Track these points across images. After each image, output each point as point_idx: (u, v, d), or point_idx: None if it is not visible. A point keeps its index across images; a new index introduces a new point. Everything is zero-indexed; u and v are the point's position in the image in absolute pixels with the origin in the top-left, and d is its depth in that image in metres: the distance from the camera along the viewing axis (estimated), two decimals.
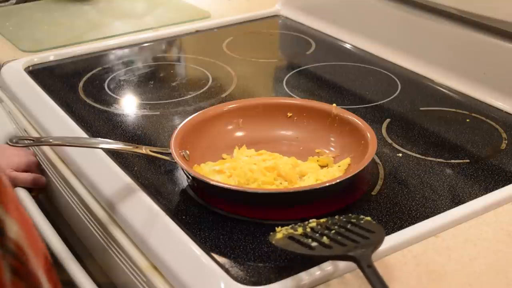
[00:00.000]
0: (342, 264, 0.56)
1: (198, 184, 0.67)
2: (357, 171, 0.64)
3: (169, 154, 0.68)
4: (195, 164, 0.70)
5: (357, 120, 0.74)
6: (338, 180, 0.63)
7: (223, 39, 1.19)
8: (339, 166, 0.70)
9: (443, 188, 0.69)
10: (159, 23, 1.26)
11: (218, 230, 0.62)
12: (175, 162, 0.67)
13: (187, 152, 0.71)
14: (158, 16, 1.32)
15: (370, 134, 0.71)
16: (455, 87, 0.95)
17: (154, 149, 0.70)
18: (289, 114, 0.79)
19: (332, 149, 0.75)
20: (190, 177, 0.68)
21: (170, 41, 1.20)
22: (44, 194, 0.89)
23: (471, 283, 0.55)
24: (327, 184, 0.63)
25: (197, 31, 1.23)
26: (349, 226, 0.55)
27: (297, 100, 0.87)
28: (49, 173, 0.84)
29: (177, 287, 0.56)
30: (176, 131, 0.72)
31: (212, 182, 0.64)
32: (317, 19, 1.23)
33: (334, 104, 0.78)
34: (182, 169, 0.68)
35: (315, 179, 0.68)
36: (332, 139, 0.75)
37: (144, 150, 0.69)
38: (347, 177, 0.64)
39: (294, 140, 0.77)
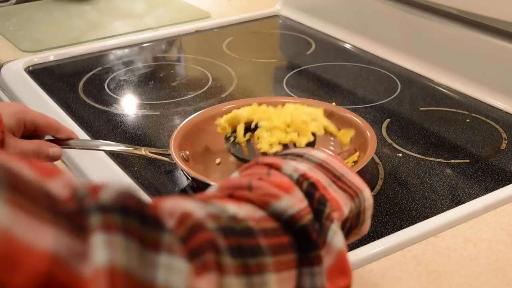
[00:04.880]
0: None
1: (198, 185, 0.67)
2: (356, 170, 0.64)
3: (169, 155, 0.68)
4: (193, 164, 0.70)
5: (356, 119, 0.74)
6: None
7: (223, 39, 1.19)
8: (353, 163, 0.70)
9: (443, 188, 0.69)
10: (159, 23, 1.26)
11: None
12: (175, 162, 0.67)
13: (187, 152, 0.71)
14: (158, 16, 1.32)
15: (369, 133, 0.71)
16: (455, 87, 0.95)
17: (154, 150, 0.70)
18: None
19: (332, 148, 0.75)
20: (189, 178, 0.68)
21: (170, 41, 1.20)
22: None
23: (471, 283, 0.55)
24: None
25: (197, 31, 1.23)
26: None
27: (296, 100, 0.87)
28: None
29: None
30: (175, 132, 0.71)
31: (211, 183, 0.64)
32: (317, 19, 1.23)
33: (334, 103, 0.78)
34: (182, 170, 0.68)
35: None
36: (331, 138, 0.75)
37: (143, 151, 0.69)
38: None
39: None
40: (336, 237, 0.37)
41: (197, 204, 0.32)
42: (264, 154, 0.65)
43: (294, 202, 0.36)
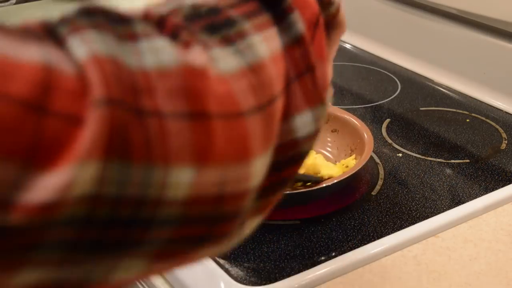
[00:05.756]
0: (342, 264, 0.56)
1: None
2: (354, 171, 0.64)
3: None
4: None
5: (353, 120, 0.74)
6: (335, 181, 0.63)
7: None
8: (346, 167, 0.70)
9: (443, 188, 0.69)
10: None
11: None
12: None
13: None
14: None
15: (366, 133, 0.70)
16: (455, 87, 0.95)
17: None
18: None
19: (329, 149, 0.75)
20: None
21: None
22: None
23: (471, 283, 0.55)
24: (324, 185, 0.62)
25: None
26: None
27: None
28: None
29: (177, 287, 0.56)
30: None
31: None
32: None
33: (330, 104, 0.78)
34: None
35: (328, 175, 0.67)
36: (328, 139, 0.75)
37: None
38: (344, 177, 0.64)
39: None
40: None
41: (152, 5, 0.30)
42: None
43: None
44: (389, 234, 0.61)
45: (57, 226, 0.22)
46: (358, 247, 0.59)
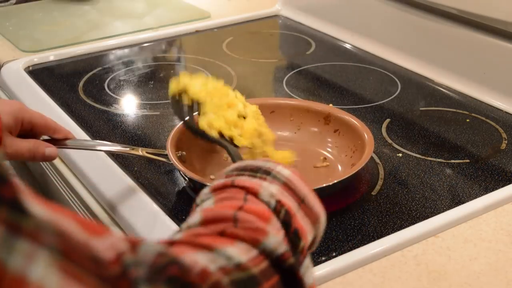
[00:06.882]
0: (342, 264, 0.56)
1: (195, 185, 0.67)
2: (354, 172, 0.64)
3: (166, 156, 0.68)
4: (191, 164, 0.70)
5: (353, 121, 0.74)
6: (335, 181, 0.63)
7: (223, 39, 1.19)
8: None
9: (443, 188, 0.69)
10: (159, 23, 1.26)
11: None
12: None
13: (184, 153, 0.70)
14: (158, 16, 1.31)
15: (367, 134, 0.70)
16: (455, 87, 0.95)
17: (151, 150, 0.70)
18: (291, 118, 0.78)
19: (329, 149, 0.75)
20: (186, 179, 0.68)
21: (170, 41, 1.20)
22: (45, 194, 0.89)
23: (471, 283, 0.55)
24: (324, 185, 0.62)
25: (197, 31, 1.23)
26: None
27: (292, 101, 0.86)
28: (49, 173, 0.84)
29: None
30: (172, 133, 0.71)
31: (208, 184, 0.63)
32: (317, 19, 1.23)
33: (331, 105, 0.78)
34: (179, 171, 0.68)
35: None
36: (329, 139, 0.75)
37: (140, 152, 0.69)
38: (345, 178, 0.64)
39: (291, 141, 0.77)
40: (308, 272, 0.40)
41: (206, 256, 0.35)
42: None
43: (280, 238, 0.39)
44: (389, 234, 0.61)
45: None
46: (358, 247, 0.59)
